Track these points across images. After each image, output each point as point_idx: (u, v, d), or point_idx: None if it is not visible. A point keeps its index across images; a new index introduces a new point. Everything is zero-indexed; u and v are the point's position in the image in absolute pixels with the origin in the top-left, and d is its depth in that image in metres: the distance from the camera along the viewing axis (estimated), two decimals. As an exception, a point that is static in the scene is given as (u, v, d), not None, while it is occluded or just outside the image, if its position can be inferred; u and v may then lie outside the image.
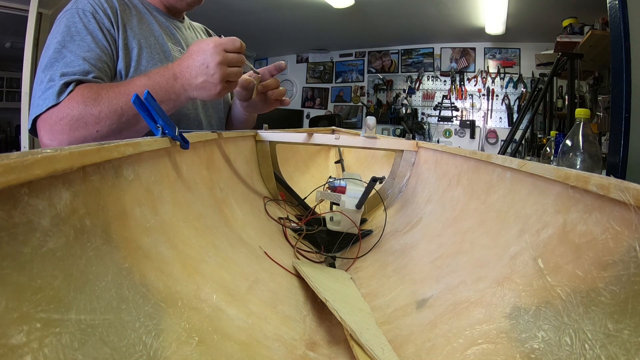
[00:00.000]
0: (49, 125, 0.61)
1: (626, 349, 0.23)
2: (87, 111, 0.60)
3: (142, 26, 0.78)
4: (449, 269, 0.47)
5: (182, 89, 0.63)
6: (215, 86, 0.61)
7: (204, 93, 0.62)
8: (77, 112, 0.60)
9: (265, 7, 3.17)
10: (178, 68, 0.63)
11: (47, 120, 0.61)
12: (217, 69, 0.60)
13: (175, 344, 0.28)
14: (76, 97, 0.61)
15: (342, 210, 0.72)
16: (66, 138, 0.61)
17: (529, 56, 3.61)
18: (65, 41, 0.66)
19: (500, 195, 0.48)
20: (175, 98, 0.64)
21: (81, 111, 0.60)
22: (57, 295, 0.21)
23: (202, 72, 0.61)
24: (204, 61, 0.60)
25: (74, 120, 0.60)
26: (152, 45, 0.78)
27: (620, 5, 1.12)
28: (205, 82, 0.61)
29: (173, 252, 0.37)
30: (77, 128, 0.60)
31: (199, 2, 0.87)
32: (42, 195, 0.22)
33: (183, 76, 0.62)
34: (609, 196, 0.28)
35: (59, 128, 0.60)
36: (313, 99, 4.83)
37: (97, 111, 0.60)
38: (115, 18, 0.73)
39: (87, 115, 0.60)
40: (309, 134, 0.92)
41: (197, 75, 0.61)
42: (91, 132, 0.61)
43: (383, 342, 0.38)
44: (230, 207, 0.61)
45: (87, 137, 0.61)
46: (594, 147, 0.88)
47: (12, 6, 2.60)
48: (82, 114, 0.60)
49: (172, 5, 0.86)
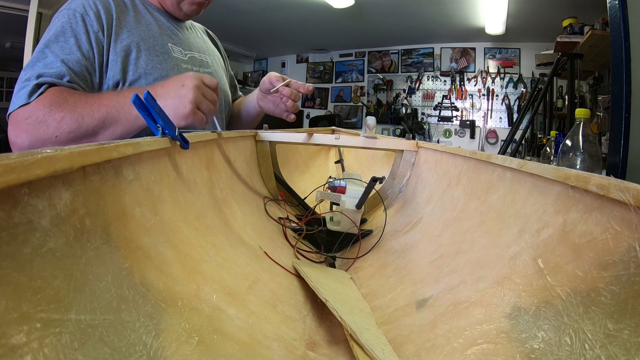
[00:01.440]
0: (15, 122, 0.63)
1: (626, 349, 0.23)
2: (50, 115, 0.61)
3: (140, 27, 0.78)
4: (449, 269, 0.47)
5: None
6: (186, 106, 0.61)
7: (172, 110, 0.61)
8: (41, 114, 0.61)
9: (265, 7, 3.17)
10: (152, 86, 0.64)
11: (15, 117, 0.63)
12: (192, 90, 0.61)
13: (175, 344, 0.28)
14: (44, 100, 0.63)
15: (342, 210, 0.72)
16: (28, 137, 0.62)
17: (529, 56, 3.61)
18: (49, 41, 0.68)
19: (500, 195, 0.48)
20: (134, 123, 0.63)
21: (45, 114, 0.61)
22: (57, 295, 0.21)
23: (177, 89, 0.62)
24: (181, 81, 0.62)
25: (37, 121, 0.62)
26: (150, 47, 0.77)
27: (620, 5, 1.12)
28: (177, 99, 0.61)
29: (173, 252, 0.37)
30: (39, 129, 0.61)
31: (196, 14, 0.88)
32: (42, 195, 0.22)
33: (155, 92, 0.62)
34: (609, 196, 0.28)
35: (24, 126, 0.62)
36: (313, 99, 4.83)
37: (59, 117, 0.61)
38: (109, 20, 0.73)
39: (50, 119, 0.61)
40: (309, 134, 0.92)
41: (171, 90, 0.62)
42: (50, 136, 0.61)
43: (383, 342, 0.38)
44: (230, 207, 0.61)
45: (46, 140, 0.62)
46: (594, 147, 0.88)
47: (12, 6, 2.60)
48: (45, 117, 0.61)
49: (171, 13, 0.87)
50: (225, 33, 3.90)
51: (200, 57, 0.91)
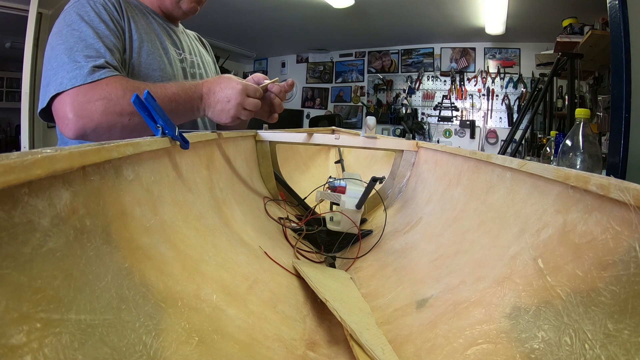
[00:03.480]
0: (78, 103, 0.62)
1: (626, 349, 0.23)
2: (125, 100, 0.63)
3: (143, 22, 0.81)
4: (449, 269, 0.47)
5: (202, 109, 0.73)
6: (227, 117, 0.73)
7: (216, 118, 0.74)
8: (115, 98, 0.62)
9: (265, 7, 3.17)
10: (206, 91, 0.72)
11: (76, 97, 0.62)
12: (235, 107, 0.71)
13: (175, 344, 0.28)
14: (116, 84, 0.64)
15: (342, 210, 0.72)
16: (96, 118, 0.62)
17: (529, 56, 3.61)
18: (80, 27, 0.68)
19: (500, 195, 0.48)
20: (194, 114, 0.73)
21: (120, 98, 0.63)
22: (57, 295, 0.21)
23: (224, 103, 0.72)
24: (228, 96, 0.71)
25: (111, 104, 0.62)
26: (152, 41, 0.81)
27: (620, 5, 1.12)
28: (221, 112, 0.72)
29: (173, 252, 0.37)
30: (111, 112, 0.62)
31: (194, 12, 0.90)
32: (42, 195, 0.22)
33: (208, 100, 0.72)
34: (609, 196, 0.28)
35: (93, 107, 0.62)
36: (313, 99, 4.83)
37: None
38: (121, 11, 0.76)
39: (125, 104, 0.62)
40: (309, 134, 0.92)
41: (218, 102, 0.72)
42: (123, 120, 0.63)
43: (383, 342, 0.38)
44: (230, 207, 0.61)
45: (116, 123, 0.63)
46: (594, 147, 0.88)
47: (12, 6, 2.60)
48: (120, 101, 0.63)
49: (169, 12, 0.89)
50: (225, 33, 3.90)
51: (191, 58, 0.95)
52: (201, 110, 0.73)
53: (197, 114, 0.74)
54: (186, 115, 0.72)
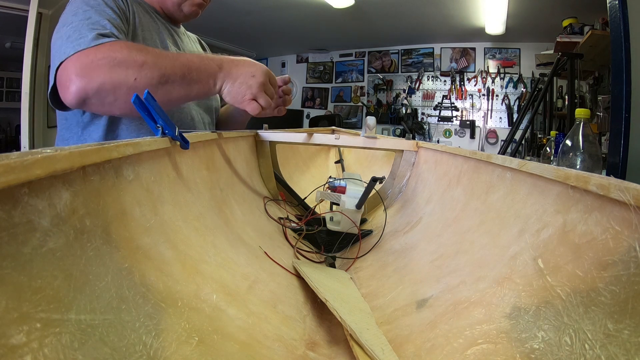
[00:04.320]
0: (81, 64, 0.59)
1: (626, 349, 0.23)
2: (131, 56, 0.59)
3: (147, 19, 0.82)
4: (449, 269, 0.47)
5: (220, 79, 0.66)
6: (247, 95, 0.66)
7: (234, 94, 0.67)
8: (119, 55, 0.59)
9: (265, 7, 3.17)
10: (227, 61, 0.66)
11: (79, 59, 0.59)
12: (258, 85, 0.66)
13: (175, 344, 0.28)
14: (119, 44, 0.61)
15: (342, 210, 0.72)
16: (100, 77, 0.58)
17: (529, 56, 3.61)
18: (86, 12, 0.66)
19: (500, 195, 0.48)
20: (209, 85, 0.66)
21: (125, 55, 0.59)
22: (57, 295, 0.21)
23: (247, 77, 0.66)
24: (253, 72, 0.66)
25: (115, 61, 0.58)
26: (153, 39, 0.81)
27: (620, 5, 1.12)
28: (241, 87, 0.66)
29: (173, 252, 0.37)
30: (117, 69, 0.58)
31: (196, 15, 0.90)
32: (42, 195, 0.22)
33: (229, 71, 0.66)
34: (609, 196, 0.28)
35: (96, 65, 0.58)
36: (313, 99, 4.83)
37: (141, 59, 0.59)
38: (127, 4, 0.76)
39: (130, 61, 0.59)
40: (309, 134, 0.92)
41: (240, 75, 0.66)
42: (129, 78, 0.59)
43: (383, 342, 0.38)
44: (230, 207, 0.61)
45: (123, 81, 0.58)
46: (594, 147, 0.88)
47: (12, 6, 2.60)
48: (125, 58, 0.59)
49: (170, 14, 0.89)
50: (225, 33, 3.90)
51: None
52: (218, 82, 0.66)
53: (212, 86, 0.66)
54: (200, 86, 0.65)
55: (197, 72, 0.64)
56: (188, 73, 0.63)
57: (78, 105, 0.61)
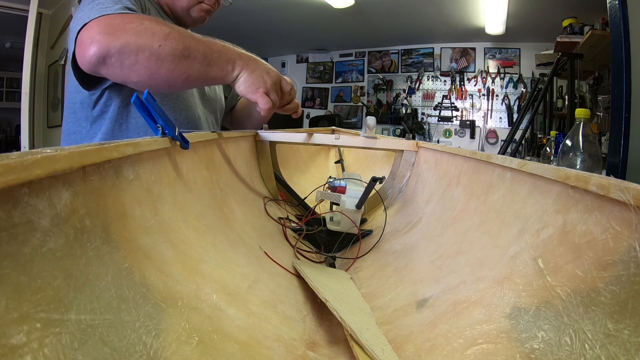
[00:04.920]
0: (107, 24, 0.58)
1: (626, 349, 0.23)
2: (158, 25, 0.60)
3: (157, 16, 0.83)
4: (449, 269, 0.47)
5: (238, 67, 0.67)
6: (262, 87, 0.67)
7: (249, 83, 0.67)
8: (147, 22, 0.60)
9: (265, 7, 3.17)
10: (245, 54, 0.70)
11: (104, 20, 0.59)
12: (273, 81, 0.69)
13: (175, 344, 0.28)
14: (145, 16, 0.62)
15: (342, 210, 0.72)
16: (127, 36, 0.58)
17: (529, 56, 3.61)
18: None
19: (500, 195, 0.48)
20: (226, 70, 0.67)
21: (152, 23, 0.60)
22: (57, 295, 0.21)
23: (264, 71, 0.69)
24: (269, 70, 0.70)
25: (142, 26, 0.59)
26: None
27: (620, 5, 1.12)
28: (259, 78, 0.68)
29: (173, 252, 0.37)
30: (143, 33, 0.59)
31: (203, 21, 0.93)
32: (42, 195, 0.22)
33: (248, 61, 0.68)
34: (609, 196, 0.28)
35: (122, 27, 0.58)
36: (313, 99, 4.83)
37: (168, 30, 0.61)
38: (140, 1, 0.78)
39: (157, 29, 0.60)
40: (309, 134, 0.92)
41: (258, 68, 0.69)
42: (154, 43, 0.59)
43: (383, 342, 0.38)
44: (230, 207, 0.61)
45: (148, 45, 0.59)
46: (594, 147, 0.88)
47: (12, 6, 2.60)
48: (152, 25, 0.60)
49: (179, 19, 0.92)
50: (226, 33, 3.90)
51: None
52: (236, 70, 0.67)
53: (230, 72, 0.67)
54: (218, 69, 0.66)
55: (219, 55, 0.65)
56: (210, 53, 0.64)
57: (96, 64, 0.59)
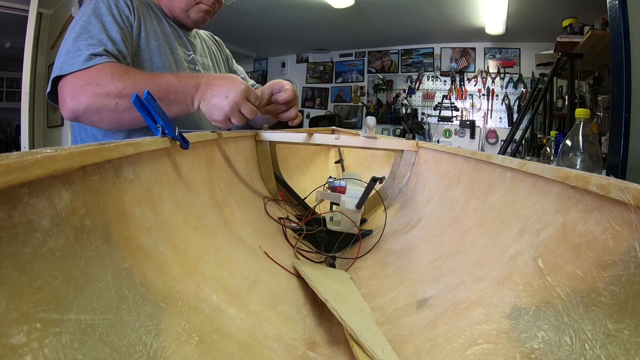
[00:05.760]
0: (73, 87, 0.67)
1: (626, 349, 0.23)
2: (112, 84, 0.66)
3: (154, 22, 0.86)
4: (449, 269, 0.47)
5: (197, 100, 0.71)
6: (220, 114, 0.70)
7: (209, 112, 0.71)
8: (104, 82, 0.66)
9: (265, 7, 3.17)
10: (205, 82, 0.71)
11: (73, 82, 0.68)
12: (231, 105, 0.69)
13: (175, 344, 0.28)
14: (106, 70, 0.68)
15: (342, 210, 0.72)
16: (86, 101, 0.66)
17: (529, 56, 3.61)
18: (90, 20, 0.74)
19: (500, 195, 0.48)
20: (187, 106, 0.71)
21: (107, 83, 0.66)
22: (57, 295, 0.21)
23: (221, 98, 0.70)
24: (227, 92, 0.70)
25: (99, 87, 0.66)
26: (159, 40, 0.85)
27: (620, 5, 1.12)
28: (215, 106, 0.70)
29: (173, 252, 0.37)
30: (99, 95, 0.66)
31: (204, 21, 0.94)
32: (42, 195, 0.22)
33: (204, 92, 0.71)
34: (609, 196, 0.28)
35: (84, 91, 0.66)
36: (313, 99, 4.82)
37: (121, 87, 0.66)
38: (132, 9, 0.81)
39: (112, 88, 0.66)
40: (309, 134, 0.92)
41: (215, 96, 0.70)
42: (110, 103, 0.66)
43: (383, 342, 0.38)
44: (230, 207, 0.61)
45: (104, 106, 0.66)
46: (594, 147, 0.88)
47: (12, 6, 2.60)
48: (108, 85, 0.66)
49: (179, 20, 0.93)
50: (225, 33, 3.89)
51: (202, 60, 0.98)
52: (195, 102, 0.71)
53: (190, 106, 0.72)
54: (179, 106, 0.71)
55: (175, 94, 0.70)
56: (166, 95, 0.69)
57: (72, 120, 0.71)
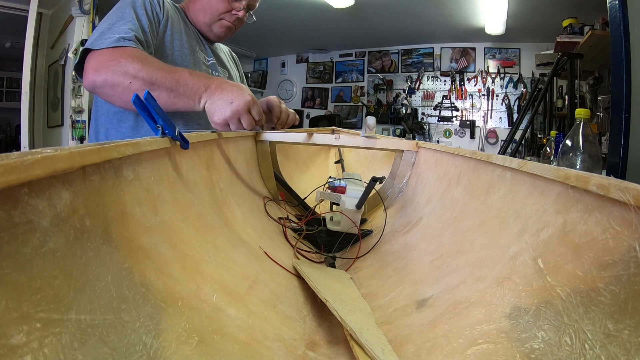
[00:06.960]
0: (98, 61, 0.75)
1: (626, 349, 0.23)
2: (131, 65, 0.73)
3: (180, 25, 0.94)
4: (449, 269, 0.47)
5: (204, 98, 0.76)
6: (220, 117, 0.76)
7: (210, 112, 0.77)
8: (124, 62, 0.73)
9: (265, 7, 3.16)
10: (215, 85, 0.77)
11: (98, 57, 0.75)
12: (233, 112, 0.75)
13: (175, 344, 0.28)
14: (130, 52, 0.75)
15: (342, 210, 0.72)
16: (104, 75, 0.74)
17: (529, 56, 3.61)
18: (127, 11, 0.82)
19: (500, 195, 0.48)
20: (193, 102, 0.77)
21: (127, 63, 0.73)
22: (57, 295, 0.21)
23: (225, 102, 0.75)
24: (233, 99, 0.75)
25: (119, 65, 0.73)
26: (182, 41, 0.93)
27: (620, 5, 1.12)
28: (218, 109, 0.76)
29: (173, 252, 0.37)
30: (117, 73, 0.73)
31: (227, 36, 1.04)
32: (42, 195, 0.22)
33: (212, 93, 0.76)
34: (609, 196, 0.28)
35: (106, 66, 0.74)
36: (313, 99, 4.83)
37: (137, 68, 0.73)
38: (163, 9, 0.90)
39: (130, 68, 0.73)
40: (309, 134, 0.92)
41: (220, 99, 0.76)
42: (124, 81, 0.73)
43: (383, 342, 0.38)
44: (230, 207, 0.61)
45: (119, 83, 0.73)
46: (594, 147, 0.88)
47: (12, 6, 2.60)
48: (126, 66, 0.73)
49: (203, 33, 1.00)
50: (225, 33, 3.90)
51: (221, 69, 1.06)
52: (202, 101, 0.76)
53: (197, 103, 0.76)
54: (186, 101, 0.76)
55: (185, 88, 0.75)
56: (176, 87, 0.75)
57: (90, 90, 0.78)
